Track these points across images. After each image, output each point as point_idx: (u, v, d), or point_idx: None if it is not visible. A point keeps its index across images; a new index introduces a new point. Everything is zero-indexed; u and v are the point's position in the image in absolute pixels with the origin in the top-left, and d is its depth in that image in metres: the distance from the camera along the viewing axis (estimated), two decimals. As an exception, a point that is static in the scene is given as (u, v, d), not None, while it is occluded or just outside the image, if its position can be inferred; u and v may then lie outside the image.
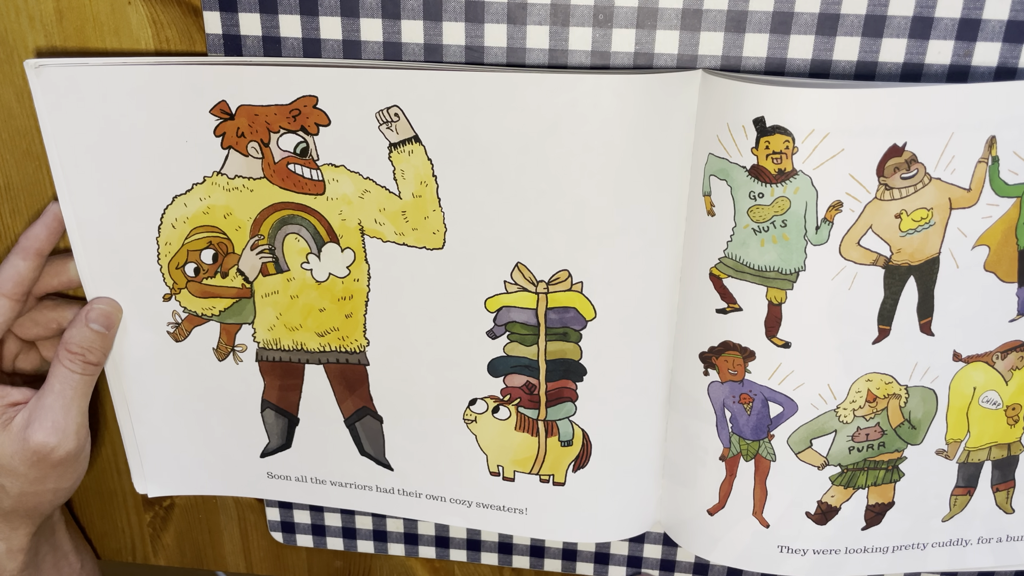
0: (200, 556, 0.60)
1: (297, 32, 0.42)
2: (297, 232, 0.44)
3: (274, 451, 0.52)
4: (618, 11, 0.41)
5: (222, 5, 0.42)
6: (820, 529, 0.47)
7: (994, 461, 0.46)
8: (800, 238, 0.40)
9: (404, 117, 0.41)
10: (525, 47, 0.42)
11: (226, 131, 0.42)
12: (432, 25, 0.41)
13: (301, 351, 0.48)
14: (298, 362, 0.48)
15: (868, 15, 0.39)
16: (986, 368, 0.44)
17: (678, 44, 0.41)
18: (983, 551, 0.48)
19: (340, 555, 0.59)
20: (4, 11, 0.45)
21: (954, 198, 0.40)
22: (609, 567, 0.54)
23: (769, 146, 0.39)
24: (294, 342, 0.48)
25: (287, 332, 0.47)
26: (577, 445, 0.48)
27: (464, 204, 0.43)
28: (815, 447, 0.45)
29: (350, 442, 0.50)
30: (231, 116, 0.42)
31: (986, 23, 0.39)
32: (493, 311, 0.45)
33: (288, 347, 0.48)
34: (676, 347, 0.46)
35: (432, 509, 0.52)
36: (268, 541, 0.59)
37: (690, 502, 0.49)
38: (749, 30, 0.40)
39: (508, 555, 0.55)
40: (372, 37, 0.42)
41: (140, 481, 0.54)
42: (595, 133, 0.40)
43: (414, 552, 0.56)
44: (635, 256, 0.43)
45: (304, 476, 0.52)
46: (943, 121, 0.38)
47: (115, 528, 0.60)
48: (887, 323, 0.42)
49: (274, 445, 0.51)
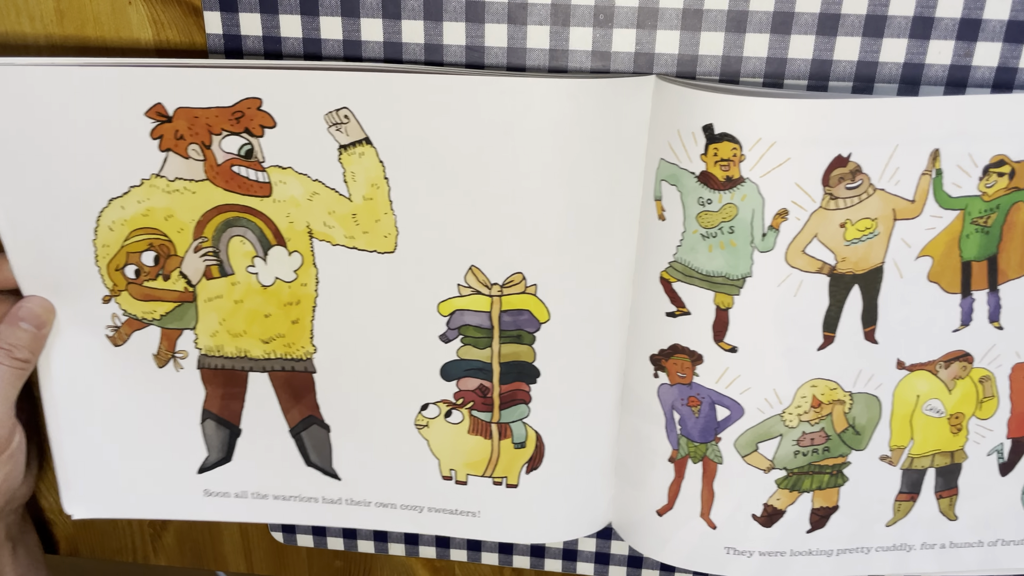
0: (200, 556, 0.60)
1: (297, 32, 0.42)
2: (242, 235, 0.44)
3: (213, 465, 0.50)
4: (618, 11, 0.41)
5: (222, 5, 0.42)
6: (766, 531, 0.48)
7: (937, 468, 0.47)
8: (747, 244, 0.41)
9: (354, 119, 0.41)
10: (525, 47, 0.42)
11: (163, 133, 0.41)
12: (432, 25, 0.41)
13: (245, 359, 0.47)
14: (241, 370, 0.47)
15: (868, 15, 0.39)
16: (930, 377, 0.44)
17: (678, 44, 0.41)
18: (926, 557, 0.49)
19: (340, 555, 0.58)
20: (4, 10, 0.44)
21: (898, 209, 0.40)
22: (609, 567, 0.54)
23: (717, 153, 0.39)
24: (237, 349, 0.47)
25: (230, 338, 0.46)
26: (530, 447, 0.48)
27: (417, 207, 0.43)
28: (761, 450, 0.46)
29: (295, 453, 0.49)
30: (168, 119, 0.41)
31: (986, 23, 0.39)
32: (446, 315, 0.45)
33: (231, 354, 0.47)
34: (629, 349, 0.46)
35: (381, 517, 0.51)
36: (268, 541, 0.58)
37: (640, 503, 0.49)
38: (749, 30, 0.40)
39: (508, 555, 0.55)
40: (372, 37, 0.42)
41: (68, 500, 0.51)
42: (549, 136, 0.40)
43: (414, 552, 0.56)
44: (589, 259, 0.44)
45: (244, 492, 0.51)
46: (888, 133, 0.38)
47: (115, 528, 0.59)
48: (832, 330, 0.43)
49: (213, 459, 0.50)
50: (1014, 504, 0.48)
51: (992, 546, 0.49)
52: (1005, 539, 0.49)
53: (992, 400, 0.45)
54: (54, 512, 0.58)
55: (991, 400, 0.45)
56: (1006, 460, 0.47)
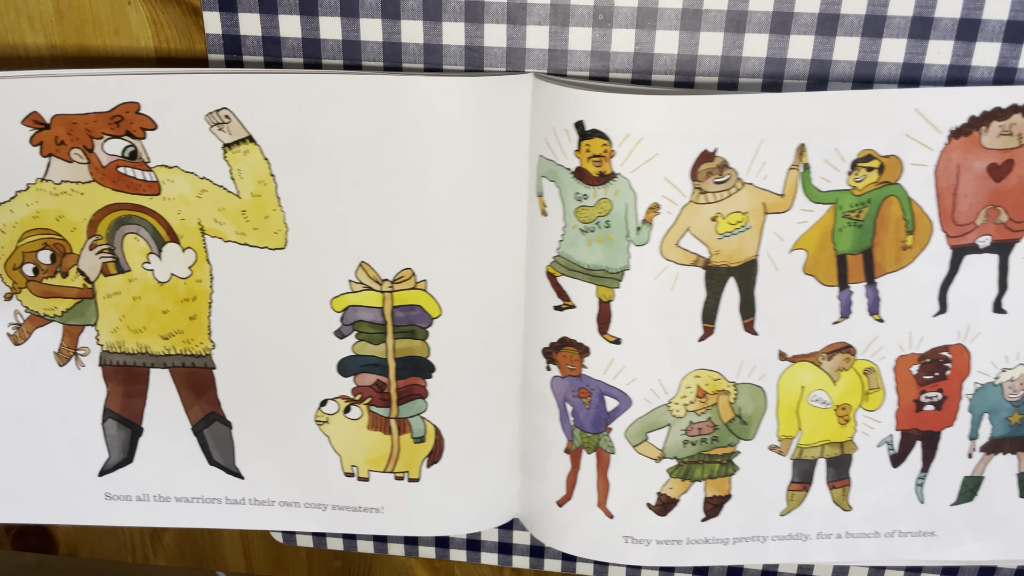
0: (200, 556, 0.60)
1: (297, 32, 0.43)
2: (136, 232, 0.45)
3: (114, 467, 0.51)
4: (618, 11, 0.41)
5: (222, 5, 0.43)
6: (661, 520, 0.49)
7: (828, 459, 0.47)
8: (623, 239, 0.42)
9: (235, 118, 0.42)
10: (525, 47, 0.42)
11: (43, 140, 0.42)
12: (432, 25, 0.42)
13: (145, 355, 0.48)
14: (143, 366, 0.48)
15: (868, 15, 0.40)
16: (813, 368, 0.45)
17: (678, 44, 0.41)
18: (823, 547, 0.50)
19: (340, 555, 0.59)
20: (4, 11, 0.45)
21: (768, 203, 0.41)
22: (609, 567, 0.55)
23: (589, 149, 0.40)
24: (138, 345, 0.48)
25: (131, 335, 0.47)
26: (430, 441, 0.49)
27: (305, 204, 0.44)
28: (651, 440, 0.46)
29: (198, 452, 0.50)
30: (46, 125, 0.42)
31: (986, 23, 0.39)
32: (340, 310, 0.46)
33: (132, 350, 0.48)
34: (524, 343, 0.47)
35: (285, 516, 0.52)
36: (268, 541, 0.58)
37: (541, 494, 0.50)
38: (749, 30, 0.40)
39: (508, 555, 0.55)
40: (372, 37, 0.42)
41: None
42: (429, 134, 0.41)
43: (414, 552, 0.56)
44: (479, 254, 0.44)
45: (146, 494, 0.52)
46: (753, 128, 0.39)
47: (115, 528, 0.59)
48: (711, 321, 0.43)
49: (115, 460, 0.51)
50: (908, 496, 0.48)
51: (889, 537, 0.49)
52: (902, 530, 0.49)
53: (878, 392, 0.46)
54: None
55: (877, 392, 0.46)
56: (896, 452, 0.47)
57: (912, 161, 0.40)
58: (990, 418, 0.46)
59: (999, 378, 0.45)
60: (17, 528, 0.60)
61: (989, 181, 0.41)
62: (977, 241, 0.42)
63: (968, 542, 0.49)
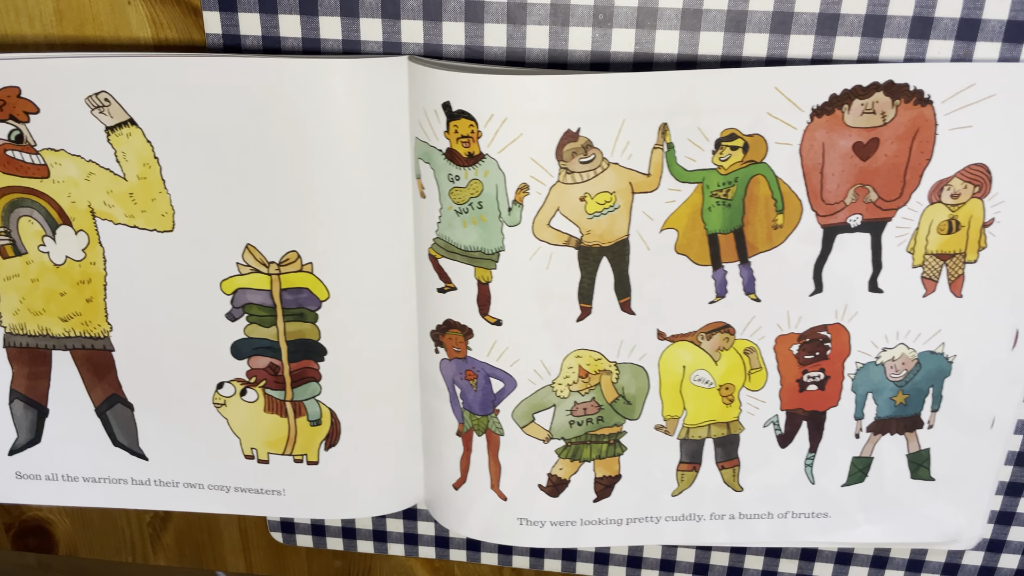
0: (200, 556, 0.60)
1: (297, 32, 0.43)
2: (30, 215, 0.46)
3: (23, 447, 0.52)
4: (618, 11, 0.41)
5: (222, 5, 0.43)
6: (554, 501, 0.49)
7: (715, 439, 0.48)
8: (496, 219, 0.42)
9: (115, 101, 0.43)
10: (525, 47, 0.42)
11: None
12: (432, 25, 0.42)
13: (47, 336, 0.49)
14: (45, 348, 0.49)
15: (868, 15, 0.40)
16: (692, 347, 0.45)
17: (678, 44, 0.41)
18: (717, 527, 0.50)
19: (340, 555, 0.59)
20: (3, 10, 0.45)
21: (635, 182, 0.42)
22: (609, 567, 0.55)
23: (457, 130, 0.41)
24: (39, 327, 0.48)
25: (32, 317, 0.48)
26: (326, 424, 0.50)
27: (190, 186, 0.44)
28: (538, 421, 0.47)
29: (103, 433, 0.51)
30: None
31: (986, 23, 0.39)
32: (229, 293, 0.47)
33: (34, 332, 0.49)
34: (418, 326, 0.48)
35: (189, 498, 0.53)
36: (268, 541, 0.59)
37: (439, 477, 0.51)
38: (749, 30, 0.41)
39: (508, 555, 0.56)
40: (372, 37, 0.43)
41: None
42: (306, 117, 0.42)
43: (414, 552, 0.56)
44: (364, 237, 0.45)
45: (55, 474, 0.52)
46: (614, 108, 0.40)
47: (115, 528, 0.60)
48: (587, 302, 0.44)
49: (23, 440, 0.51)
50: (798, 476, 0.49)
51: (782, 518, 0.50)
52: (795, 511, 0.50)
53: (760, 372, 0.46)
54: (53, 512, 0.60)
55: (759, 372, 0.46)
56: (783, 432, 0.48)
57: (776, 140, 0.41)
58: (874, 398, 0.47)
59: (880, 358, 0.45)
60: (17, 528, 0.61)
61: (855, 160, 0.41)
62: (848, 220, 0.42)
63: (862, 524, 0.50)
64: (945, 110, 0.40)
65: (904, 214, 0.42)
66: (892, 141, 0.41)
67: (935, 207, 0.42)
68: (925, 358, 0.45)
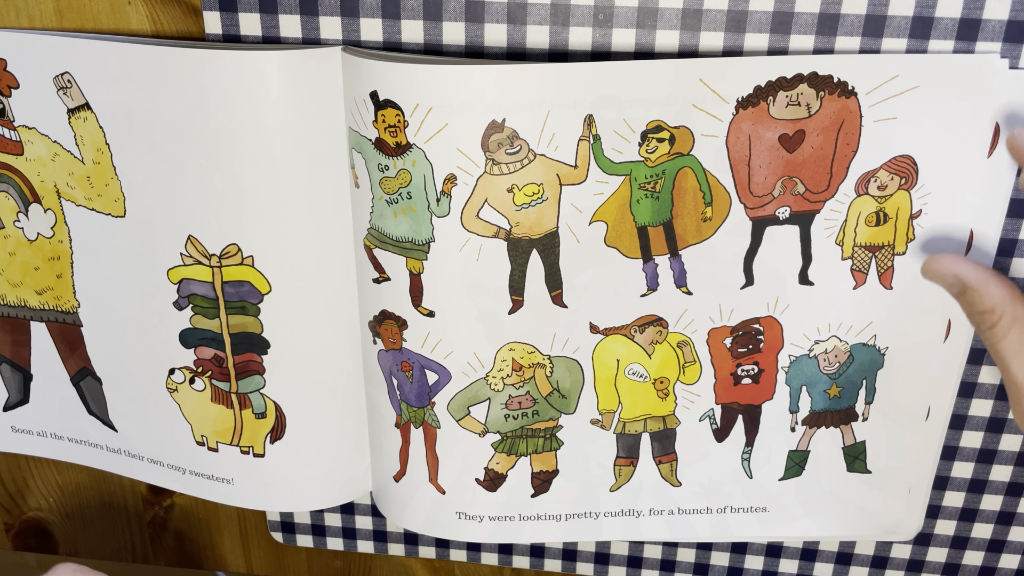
0: (200, 556, 0.60)
1: (297, 32, 0.43)
2: (6, 190, 0.47)
3: (14, 405, 0.54)
4: (618, 11, 0.41)
5: (222, 5, 0.43)
6: (492, 496, 0.49)
7: (651, 433, 0.48)
8: (425, 210, 0.42)
9: (76, 84, 0.43)
10: (525, 47, 0.42)
11: None
12: (432, 25, 0.42)
13: (25, 307, 0.51)
14: (23, 318, 0.51)
15: (868, 15, 0.40)
16: (626, 341, 0.45)
17: (678, 44, 0.41)
18: (656, 523, 0.50)
19: (340, 555, 0.59)
20: (4, 10, 0.45)
21: (562, 174, 0.42)
22: (609, 567, 0.55)
23: (385, 120, 0.41)
24: (18, 298, 0.50)
25: (11, 288, 0.50)
26: (271, 417, 0.50)
27: (137, 174, 0.45)
28: (473, 414, 0.47)
29: (79, 400, 0.53)
30: None
31: (986, 23, 0.39)
32: (175, 282, 0.47)
33: (13, 303, 0.51)
34: (360, 318, 0.48)
35: (154, 472, 0.54)
36: (268, 541, 0.59)
37: (381, 470, 0.51)
38: (749, 30, 0.40)
39: (508, 555, 0.56)
40: (372, 37, 0.43)
41: None
42: (242, 108, 0.42)
43: (414, 552, 0.57)
44: (303, 230, 0.45)
45: (44, 431, 0.55)
46: (539, 99, 0.40)
47: (115, 528, 0.60)
48: (519, 294, 0.44)
49: (13, 399, 0.54)
50: (736, 470, 0.49)
51: (721, 513, 0.50)
52: (734, 506, 0.50)
53: (694, 365, 0.46)
54: (54, 512, 0.60)
55: (693, 365, 0.46)
56: (719, 426, 0.48)
57: (702, 132, 0.41)
58: (808, 391, 0.47)
59: (813, 350, 0.46)
60: (17, 528, 0.61)
61: (782, 152, 0.41)
62: (776, 212, 0.43)
63: (800, 517, 0.50)
64: (869, 101, 0.40)
65: (832, 206, 0.42)
66: (818, 133, 0.41)
67: (862, 199, 0.42)
68: (857, 350, 0.45)
